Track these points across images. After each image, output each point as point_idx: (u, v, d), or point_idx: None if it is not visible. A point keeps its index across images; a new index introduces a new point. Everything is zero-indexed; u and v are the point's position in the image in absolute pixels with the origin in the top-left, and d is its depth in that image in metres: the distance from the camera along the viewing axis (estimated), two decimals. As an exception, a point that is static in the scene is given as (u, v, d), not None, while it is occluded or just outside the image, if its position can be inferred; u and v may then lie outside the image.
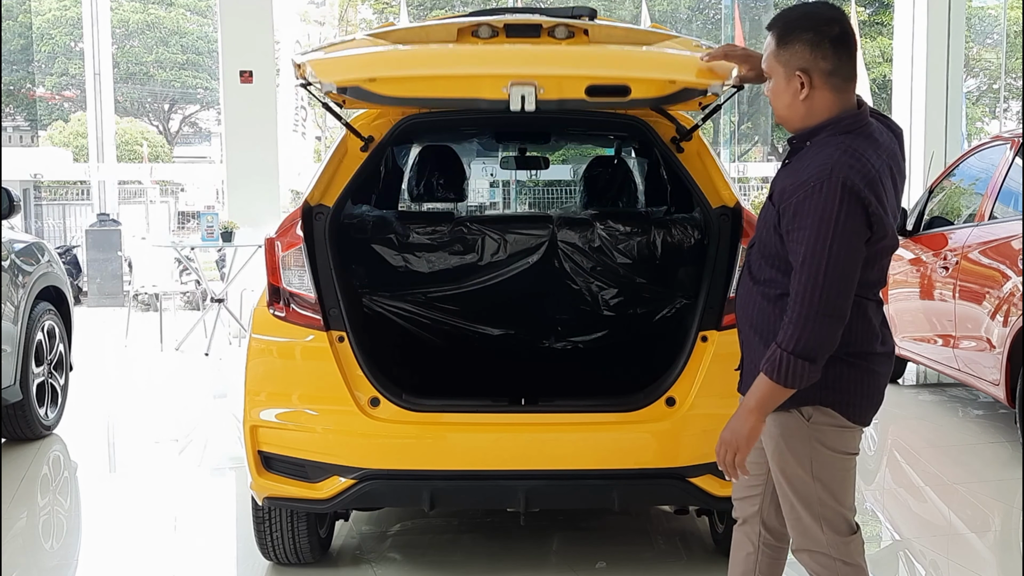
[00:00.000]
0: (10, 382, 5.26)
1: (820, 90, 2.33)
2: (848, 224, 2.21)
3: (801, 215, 2.24)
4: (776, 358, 2.23)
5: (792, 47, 2.34)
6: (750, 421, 2.29)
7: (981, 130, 29.68)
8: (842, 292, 2.22)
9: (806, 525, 2.43)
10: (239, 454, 3.70)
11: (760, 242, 2.45)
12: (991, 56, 30.52)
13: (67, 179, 26.86)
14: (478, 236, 4.26)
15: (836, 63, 2.33)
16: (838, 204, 2.20)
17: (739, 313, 2.56)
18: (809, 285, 2.21)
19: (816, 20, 2.34)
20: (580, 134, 5.08)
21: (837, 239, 2.20)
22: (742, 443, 2.30)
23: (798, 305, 2.22)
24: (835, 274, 2.20)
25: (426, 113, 3.72)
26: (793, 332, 2.22)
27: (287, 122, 10.93)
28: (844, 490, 2.41)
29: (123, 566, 3.96)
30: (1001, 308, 5.23)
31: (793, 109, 2.38)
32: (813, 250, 2.21)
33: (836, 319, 2.23)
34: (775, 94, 2.42)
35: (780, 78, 2.38)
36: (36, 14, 32.37)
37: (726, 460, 2.34)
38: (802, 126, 2.39)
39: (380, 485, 3.22)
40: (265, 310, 3.41)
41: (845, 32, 2.34)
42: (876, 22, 28.01)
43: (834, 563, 2.42)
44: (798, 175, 2.30)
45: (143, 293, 11.53)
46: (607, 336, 4.29)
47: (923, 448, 5.74)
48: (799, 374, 2.22)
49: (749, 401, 2.30)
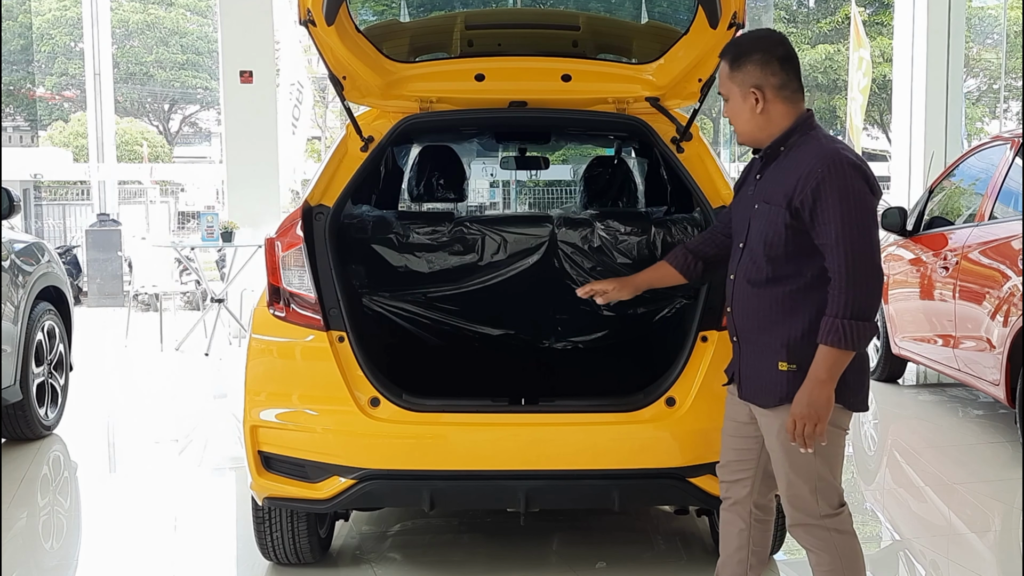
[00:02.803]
0: (10, 382, 5.26)
1: (773, 103, 2.66)
2: (863, 195, 2.52)
3: (822, 199, 2.51)
4: (838, 327, 2.47)
5: (744, 68, 2.66)
6: (826, 391, 2.51)
7: (981, 130, 29.68)
8: (876, 252, 2.51)
9: (805, 500, 2.64)
10: (239, 454, 3.70)
11: (765, 245, 2.64)
12: (991, 56, 30.53)
13: (67, 179, 26.87)
14: (478, 236, 4.26)
15: (785, 78, 2.66)
16: (852, 180, 2.51)
17: (742, 323, 2.74)
18: (849, 253, 2.48)
19: (763, 43, 2.70)
20: (580, 134, 5.08)
21: (860, 209, 2.50)
22: (823, 413, 2.51)
23: (844, 274, 2.48)
24: (867, 239, 2.49)
25: (426, 113, 3.73)
26: (846, 299, 2.47)
27: (287, 122, 10.87)
28: (838, 465, 2.68)
29: (123, 566, 3.96)
30: (1001, 308, 5.23)
31: (752, 122, 2.69)
32: (844, 223, 2.48)
33: (877, 277, 2.51)
34: (733, 113, 2.73)
35: (736, 97, 2.70)
36: (36, 14, 32.37)
37: (805, 432, 2.53)
38: (763, 136, 2.69)
39: (380, 485, 3.22)
40: (265, 310, 3.41)
41: (789, 52, 2.69)
42: (876, 22, 28.01)
43: (829, 534, 2.66)
44: (796, 171, 2.57)
45: (143, 293, 11.53)
46: (607, 336, 4.29)
47: (923, 448, 5.74)
48: (861, 334, 2.48)
49: (820, 374, 2.51)
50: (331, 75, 3.63)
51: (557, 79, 3.78)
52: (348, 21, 3.51)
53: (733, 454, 2.90)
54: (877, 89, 24.79)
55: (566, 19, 4.23)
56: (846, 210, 2.49)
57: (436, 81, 3.82)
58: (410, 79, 3.81)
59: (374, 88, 3.76)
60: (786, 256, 2.60)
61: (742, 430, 2.84)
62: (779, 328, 2.62)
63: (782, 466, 2.68)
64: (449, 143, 4.74)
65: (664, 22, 4.27)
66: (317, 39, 3.46)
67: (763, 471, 2.84)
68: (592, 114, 3.82)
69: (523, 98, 3.74)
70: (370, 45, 3.69)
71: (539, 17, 4.41)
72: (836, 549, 2.66)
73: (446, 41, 4.01)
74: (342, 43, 3.49)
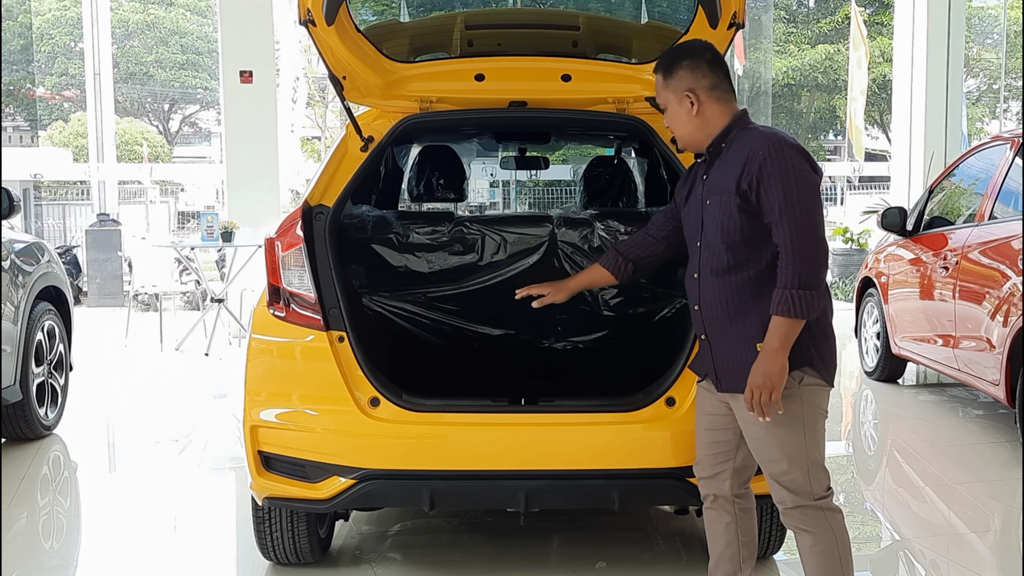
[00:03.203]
0: (10, 382, 5.26)
1: (707, 103, 2.82)
2: (804, 172, 2.66)
3: (765, 178, 2.65)
4: (788, 298, 2.60)
5: (677, 75, 2.84)
6: (779, 360, 2.63)
7: (981, 130, 29.67)
8: (819, 225, 2.64)
9: (799, 483, 2.75)
10: (239, 454, 3.70)
11: (722, 233, 2.76)
12: (991, 56, 30.53)
13: (67, 179, 26.84)
14: (478, 236, 4.26)
15: (715, 79, 2.83)
16: (793, 159, 2.66)
17: (711, 316, 2.84)
18: (794, 227, 2.61)
19: (691, 50, 2.89)
20: (580, 134, 5.08)
21: (802, 185, 2.64)
22: (776, 381, 2.63)
23: (789, 247, 2.61)
24: (809, 212, 2.62)
25: (426, 113, 3.73)
26: (794, 270, 2.60)
27: (287, 122, 10.88)
28: (823, 446, 2.82)
29: (123, 566, 3.96)
30: (1001, 308, 5.23)
31: (690, 125, 2.85)
32: (786, 199, 2.62)
33: (823, 248, 2.63)
34: (672, 119, 2.88)
35: (673, 103, 2.86)
36: (36, 14, 32.35)
37: (762, 401, 2.65)
38: (702, 137, 2.85)
39: (380, 485, 3.22)
40: (265, 310, 3.41)
41: (716, 56, 2.88)
42: (876, 22, 28.02)
43: (824, 513, 2.77)
44: (740, 158, 2.72)
45: (143, 293, 11.52)
46: (607, 336, 4.29)
47: (923, 448, 5.74)
48: (810, 303, 2.60)
49: (773, 343, 2.63)
50: (331, 75, 3.63)
51: (557, 79, 3.78)
52: (348, 21, 3.51)
53: (710, 447, 2.99)
54: (877, 89, 24.81)
55: (566, 19, 4.23)
56: (788, 187, 2.62)
57: (436, 81, 3.82)
58: (410, 79, 3.81)
59: (374, 88, 3.76)
60: (744, 241, 2.73)
61: (719, 422, 2.94)
62: (751, 313, 2.73)
63: (775, 452, 2.76)
64: (449, 143, 4.74)
65: (664, 22, 4.27)
66: (317, 39, 3.46)
67: (741, 462, 2.96)
68: (592, 114, 3.81)
69: (523, 98, 3.74)
70: (370, 45, 3.69)
71: (539, 17, 4.41)
72: (831, 528, 2.78)
73: (446, 41, 4.01)
74: (342, 43, 3.49)
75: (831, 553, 2.78)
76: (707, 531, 3.09)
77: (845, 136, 23.72)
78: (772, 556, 3.75)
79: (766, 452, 2.78)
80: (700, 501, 3.28)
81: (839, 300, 12.74)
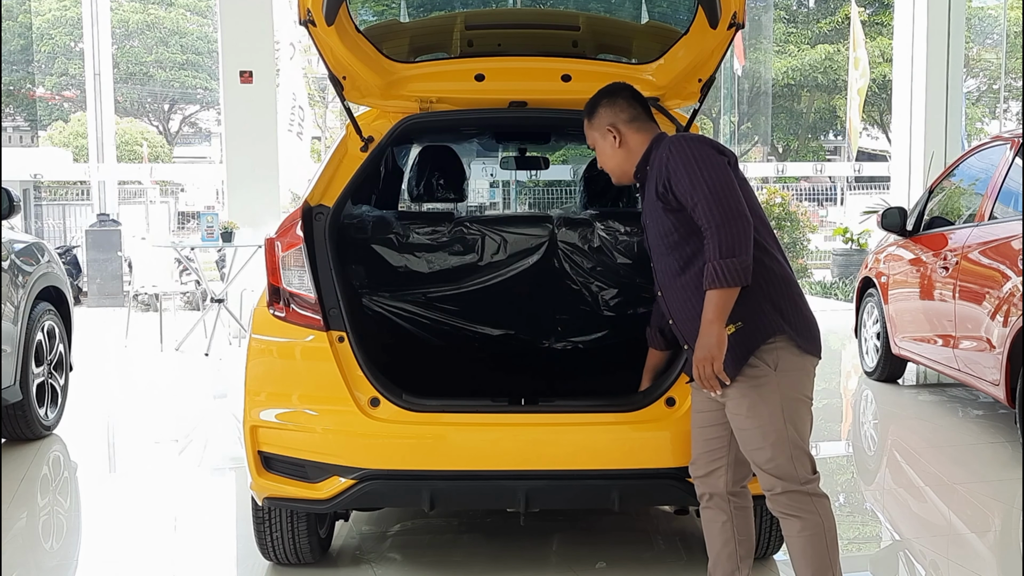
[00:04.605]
0: (10, 382, 5.26)
1: (628, 135, 2.99)
2: (708, 154, 2.77)
3: (672, 173, 2.77)
4: (713, 269, 2.67)
5: (598, 114, 3.04)
6: (715, 331, 2.70)
7: (981, 130, 29.69)
8: (731, 197, 2.71)
9: (785, 468, 2.80)
10: (239, 454, 3.70)
11: (661, 238, 2.89)
12: (991, 56, 30.53)
13: (67, 179, 26.83)
14: (478, 236, 4.26)
15: (633, 113, 3.00)
16: (693, 147, 2.79)
17: (684, 321, 2.91)
18: (705, 204, 2.70)
19: (608, 91, 3.07)
20: (580, 134, 5.07)
21: (706, 166, 2.74)
22: (716, 352, 2.71)
23: (707, 222, 2.69)
24: (719, 187, 2.71)
25: (426, 113, 3.73)
26: (715, 243, 2.68)
27: (286, 122, 10.89)
28: (808, 432, 2.86)
29: (123, 566, 3.96)
30: (1001, 308, 5.23)
31: (616, 157, 3.02)
32: (693, 181, 2.73)
33: (737, 218, 2.69)
34: (602, 156, 3.05)
35: (599, 140, 3.04)
36: (36, 14, 32.35)
37: (706, 374, 2.73)
38: (629, 168, 3.00)
39: (380, 485, 3.22)
40: (265, 310, 3.41)
41: (633, 92, 3.06)
42: (876, 22, 28.04)
43: (810, 498, 2.82)
44: (654, 171, 2.85)
45: (143, 293, 11.53)
46: (607, 336, 4.29)
47: (923, 448, 5.74)
48: (735, 270, 2.66)
49: (708, 315, 2.71)
50: (331, 75, 3.63)
51: (557, 79, 3.78)
52: (348, 21, 3.51)
53: (704, 445, 3.04)
54: (877, 89, 24.81)
55: (566, 19, 4.23)
56: (692, 171, 2.74)
57: (436, 81, 3.82)
58: (410, 79, 3.81)
59: (374, 88, 3.76)
60: (682, 240, 2.84)
61: (711, 419, 2.99)
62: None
63: (753, 441, 2.82)
64: (449, 143, 4.74)
65: (664, 22, 4.27)
66: (317, 39, 3.47)
67: (734, 457, 2.99)
68: None
69: (523, 98, 3.74)
70: (370, 45, 3.69)
71: (539, 17, 4.41)
72: (818, 512, 2.83)
73: (446, 41, 4.01)
74: (342, 43, 3.50)
75: (818, 537, 2.82)
76: (704, 531, 3.13)
77: (845, 136, 23.70)
78: (771, 556, 3.75)
79: (750, 441, 2.84)
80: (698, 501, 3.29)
81: (839, 300, 12.75)
